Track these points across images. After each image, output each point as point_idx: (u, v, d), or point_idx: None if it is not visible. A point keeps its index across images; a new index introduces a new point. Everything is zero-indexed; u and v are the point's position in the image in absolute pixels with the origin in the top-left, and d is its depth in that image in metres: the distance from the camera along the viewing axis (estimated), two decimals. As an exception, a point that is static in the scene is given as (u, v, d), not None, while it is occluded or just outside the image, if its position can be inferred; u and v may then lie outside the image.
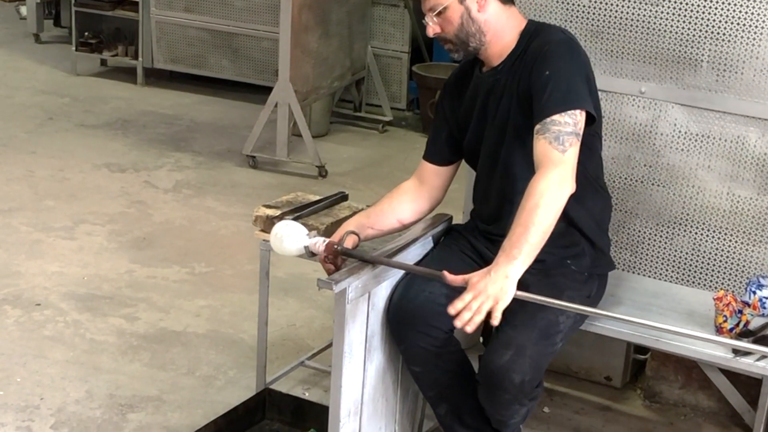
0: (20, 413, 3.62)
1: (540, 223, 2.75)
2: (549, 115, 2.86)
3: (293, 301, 4.60)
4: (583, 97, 2.91)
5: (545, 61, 2.92)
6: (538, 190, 2.79)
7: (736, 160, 3.40)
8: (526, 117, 2.96)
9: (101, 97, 7.74)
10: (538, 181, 2.81)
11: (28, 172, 6.02)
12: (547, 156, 2.84)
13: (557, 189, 2.80)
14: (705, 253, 3.51)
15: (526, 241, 2.74)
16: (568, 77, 2.92)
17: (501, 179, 3.09)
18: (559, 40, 2.98)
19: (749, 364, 2.98)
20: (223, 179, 6.14)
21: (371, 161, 6.72)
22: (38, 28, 9.29)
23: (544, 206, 2.76)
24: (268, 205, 3.49)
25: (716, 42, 3.33)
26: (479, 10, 3.00)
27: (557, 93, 2.88)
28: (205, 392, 3.84)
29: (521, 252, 2.73)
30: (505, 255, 2.74)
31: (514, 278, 2.73)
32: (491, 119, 3.08)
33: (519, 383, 2.87)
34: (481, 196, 3.21)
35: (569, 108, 2.87)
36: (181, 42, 7.92)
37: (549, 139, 2.85)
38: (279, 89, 6.16)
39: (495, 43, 3.05)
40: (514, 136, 3.02)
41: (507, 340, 2.89)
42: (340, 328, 2.83)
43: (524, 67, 2.98)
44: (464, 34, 3.02)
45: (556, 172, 2.81)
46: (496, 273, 2.73)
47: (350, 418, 2.96)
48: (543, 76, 2.91)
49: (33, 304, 4.42)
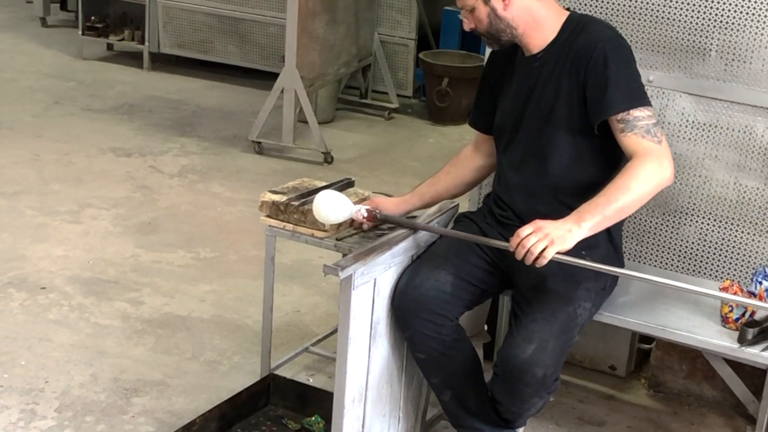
0: (24, 396, 3.62)
1: (622, 203, 2.81)
2: (625, 110, 2.91)
3: (298, 287, 4.60)
4: (645, 93, 3.00)
5: (606, 59, 2.95)
6: (634, 173, 2.84)
7: (744, 150, 3.39)
8: (572, 111, 3.00)
9: (107, 82, 7.73)
10: (637, 165, 2.85)
11: (33, 156, 6.02)
12: (642, 146, 2.89)
13: (652, 177, 2.85)
14: (711, 243, 3.50)
15: (601, 213, 2.80)
16: (632, 74, 2.99)
17: (533, 165, 3.10)
18: (610, 37, 3.01)
19: (754, 354, 2.98)
20: (228, 165, 6.14)
21: (377, 148, 6.71)
22: (44, 12, 9.27)
23: (634, 190, 2.82)
24: (274, 191, 3.48)
25: (725, 31, 3.32)
26: (505, 9, 3.02)
27: (628, 90, 2.95)
28: (209, 377, 3.84)
29: (593, 219, 2.79)
30: (578, 215, 2.80)
31: (576, 237, 2.77)
32: (534, 105, 3.08)
33: (541, 377, 2.89)
34: (506, 178, 3.20)
35: (643, 104, 2.94)
36: (187, 27, 7.91)
37: (640, 133, 2.90)
38: (285, 75, 6.15)
39: (530, 34, 3.07)
40: (555, 127, 3.04)
41: (528, 335, 2.90)
42: (346, 314, 2.83)
43: (572, 60, 3.00)
44: (494, 30, 3.06)
45: (657, 161, 2.87)
46: (564, 223, 2.78)
47: (354, 404, 2.96)
48: (605, 73, 2.94)
49: (38, 287, 4.42)
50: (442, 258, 3.08)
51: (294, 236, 3.40)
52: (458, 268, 3.07)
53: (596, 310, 3.09)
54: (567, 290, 2.96)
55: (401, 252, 3.05)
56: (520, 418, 3.11)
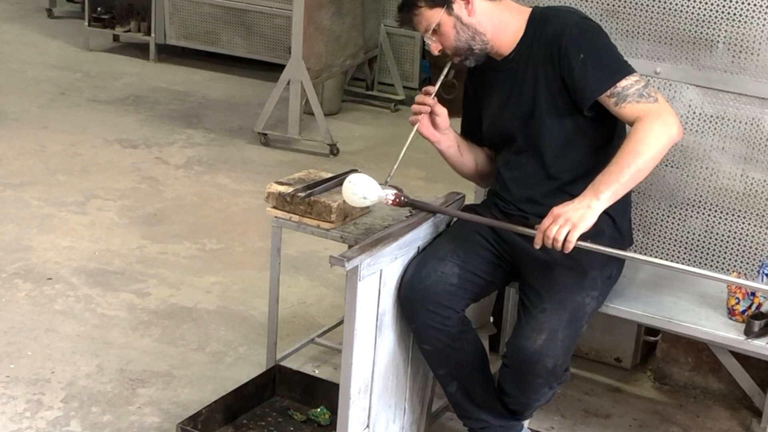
0: (31, 386, 3.63)
1: (635, 165, 2.81)
2: (609, 88, 2.91)
3: (304, 278, 4.60)
4: (626, 63, 2.99)
5: (577, 46, 2.94)
6: (640, 136, 2.83)
7: (751, 142, 3.38)
8: (554, 99, 3.00)
9: (113, 73, 7.73)
10: (640, 128, 2.85)
11: (39, 147, 6.02)
12: (641, 110, 2.89)
13: (659, 134, 2.84)
14: (718, 236, 3.49)
15: (616, 181, 2.80)
16: (606, 51, 2.99)
17: (527, 158, 3.10)
18: (575, 23, 3.00)
19: (760, 346, 2.97)
20: (234, 156, 6.14)
21: (383, 140, 6.70)
22: (51, 3, 9.29)
23: (644, 152, 2.81)
24: (280, 182, 3.48)
25: (733, 23, 3.31)
26: (469, 15, 3.01)
27: (606, 68, 2.94)
28: (215, 368, 3.85)
29: (609, 189, 2.79)
30: (593, 189, 2.80)
31: (597, 210, 2.78)
32: (516, 104, 3.08)
33: (552, 367, 2.89)
34: (503, 177, 3.20)
35: (626, 74, 2.94)
36: (193, 18, 7.91)
37: (633, 99, 2.90)
38: (291, 67, 6.14)
39: (499, 37, 3.06)
40: (541, 117, 3.04)
41: (538, 325, 2.90)
42: (352, 306, 2.83)
43: (544, 53, 3.00)
44: (464, 41, 3.04)
45: (659, 118, 2.86)
46: (580, 202, 2.78)
47: (360, 395, 2.96)
48: (579, 60, 2.93)
49: (44, 278, 4.43)
50: (449, 250, 3.08)
51: (300, 227, 3.39)
52: (464, 260, 3.07)
53: (603, 299, 3.08)
54: (575, 279, 2.96)
55: (407, 243, 3.04)
56: (528, 410, 3.11)
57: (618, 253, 2.92)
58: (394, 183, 3.72)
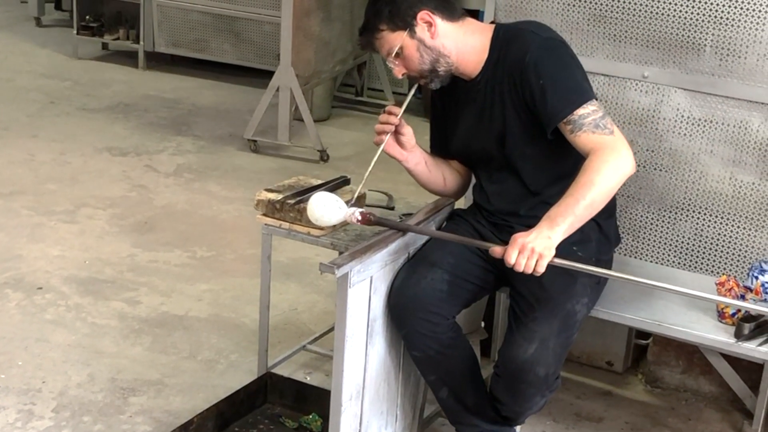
0: (22, 396, 3.62)
1: (590, 199, 2.78)
2: (567, 116, 2.88)
3: (295, 285, 4.60)
4: (586, 89, 2.95)
5: (537, 69, 2.91)
6: (595, 167, 2.80)
7: (739, 145, 3.39)
8: (524, 122, 2.99)
9: (102, 81, 7.72)
10: (595, 159, 2.82)
11: (29, 156, 6.01)
12: (595, 142, 2.86)
13: (614, 168, 2.81)
14: (707, 238, 3.50)
15: (572, 213, 2.77)
16: (568, 74, 2.93)
17: (507, 176, 3.11)
18: (538, 44, 2.95)
19: (751, 349, 2.98)
20: (224, 163, 6.13)
21: (373, 146, 6.67)
22: (39, 11, 9.27)
23: (599, 184, 2.78)
24: (269, 189, 3.48)
25: (720, 26, 3.32)
26: (432, 37, 3.00)
27: (566, 92, 2.90)
28: (206, 376, 3.84)
29: (565, 222, 2.76)
30: (549, 221, 2.77)
31: (555, 241, 2.75)
32: (487, 127, 3.08)
33: (544, 376, 2.89)
34: (485, 190, 3.20)
35: (585, 100, 2.89)
36: (182, 26, 7.90)
37: (589, 129, 2.87)
38: (280, 73, 6.14)
39: (464, 58, 3.04)
40: (513, 140, 3.03)
41: (529, 334, 2.90)
42: (342, 312, 2.83)
43: (508, 76, 2.98)
44: (428, 63, 3.03)
45: (614, 152, 2.83)
46: (539, 231, 2.75)
47: (352, 402, 2.96)
48: (539, 84, 2.90)
49: (34, 287, 4.42)
50: (438, 256, 3.08)
51: (290, 234, 3.39)
52: (454, 267, 3.07)
53: (593, 305, 3.09)
54: (564, 287, 2.96)
55: (397, 250, 3.05)
56: (520, 417, 3.11)
57: (596, 271, 2.87)
58: (384, 188, 3.74)
